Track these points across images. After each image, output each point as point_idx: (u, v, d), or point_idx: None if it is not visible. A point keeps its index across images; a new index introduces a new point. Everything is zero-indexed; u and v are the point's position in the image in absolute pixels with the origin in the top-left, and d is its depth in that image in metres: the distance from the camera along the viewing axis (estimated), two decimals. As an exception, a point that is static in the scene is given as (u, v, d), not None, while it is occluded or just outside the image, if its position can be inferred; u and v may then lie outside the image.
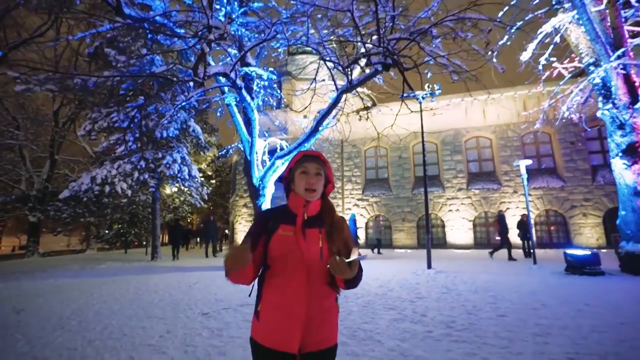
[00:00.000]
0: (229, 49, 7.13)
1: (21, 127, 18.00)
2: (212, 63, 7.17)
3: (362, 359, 2.98)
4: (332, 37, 6.60)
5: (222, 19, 6.98)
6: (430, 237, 8.78)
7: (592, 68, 8.55)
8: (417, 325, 3.94)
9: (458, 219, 15.82)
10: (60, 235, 37.43)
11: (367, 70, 5.73)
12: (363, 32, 4.96)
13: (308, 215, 1.28)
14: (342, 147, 18.07)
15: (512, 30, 10.01)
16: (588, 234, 14.41)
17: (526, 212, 14.11)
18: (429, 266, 8.38)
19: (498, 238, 11.62)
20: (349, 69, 5.46)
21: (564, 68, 10.54)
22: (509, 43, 10.35)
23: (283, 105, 14.41)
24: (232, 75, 5.81)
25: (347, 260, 1.12)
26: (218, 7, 6.78)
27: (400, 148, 17.16)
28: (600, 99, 8.62)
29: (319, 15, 5.37)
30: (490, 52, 5.01)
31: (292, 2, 5.59)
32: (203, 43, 4.16)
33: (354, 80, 6.10)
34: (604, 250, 12.92)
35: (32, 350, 3.36)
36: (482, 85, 5.90)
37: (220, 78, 6.14)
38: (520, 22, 9.97)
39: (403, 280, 7.07)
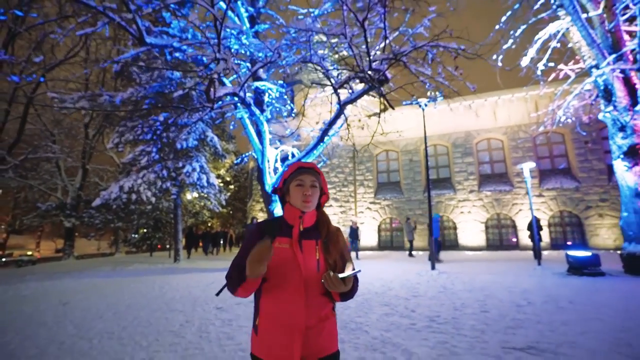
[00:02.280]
0: (240, 68, 7.82)
1: (57, 141, 19.62)
2: (224, 80, 7.89)
3: (346, 345, 3.49)
4: (332, 55, 7.17)
5: (233, 40, 7.73)
6: (434, 239, 9.10)
7: (594, 70, 8.67)
8: (404, 319, 4.40)
9: (470, 221, 15.91)
10: (91, 240, 39.91)
11: (363, 86, 6.26)
12: (356, 52, 5.48)
13: (304, 226, 1.28)
14: (354, 151, 18.52)
15: (517, 34, 10.26)
16: (605, 235, 14.17)
17: (536, 214, 14.13)
18: (433, 267, 8.73)
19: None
20: (346, 86, 5.99)
21: (570, 69, 10.63)
22: (513, 46, 10.59)
23: (294, 113, 15.08)
24: (241, 93, 6.48)
25: (341, 276, 1.14)
26: (229, 30, 7.49)
27: (411, 152, 17.44)
28: (602, 101, 8.73)
29: (318, 40, 5.93)
30: (460, 74, 5.39)
31: (289, 29, 6.18)
32: (213, 71, 4.83)
33: (351, 95, 6.62)
34: (620, 252, 12.70)
35: (80, 333, 4.10)
36: (459, 94, 6.25)
37: (230, 97, 6.81)
38: (524, 25, 10.21)
39: (405, 280, 7.48)
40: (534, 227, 9.34)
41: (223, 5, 7.61)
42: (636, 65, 7.43)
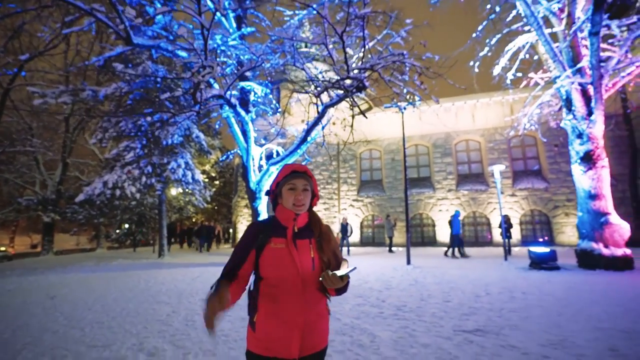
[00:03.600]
0: (226, 68, 8.09)
1: (36, 134, 19.20)
2: (211, 81, 8.15)
3: (320, 329, 3.93)
4: (316, 57, 7.54)
5: (219, 41, 7.98)
6: (410, 235, 9.67)
7: (557, 81, 9.38)
8: (374, 309, 4.88)
9: (448, 219, 16.65)
10: (68, 235, 39.03)
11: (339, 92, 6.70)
12: (337, 59, 5.88)
13: (297, 227, 1.34)
14: (338, 150, 18.97)
15: (492, 43, 10.90)
16: (570, 232, 15.18)
17: (507, 213, 15.00)
18: (408, 262, 9.31)
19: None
20: (327, 92, 6.41)
21: (540, 78, 11.37)
22: (489, 54, 11.24)
23: (280, 111, 15.36)
24: (227, 95, 6.78)
25: (339, 274, 1.19)
26: (217, 37, 7.74)
27: (394, 151, 18.05)
28: (564, 109, 9.47)
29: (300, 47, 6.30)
30: (425, 89, 5.91)
31: (272, 38, 6.53)
32: (198, 76, 5.13)
33: (332, 99, 7.03)
34: (575, 248, 13.70)
35: (71, 323, 4.38)
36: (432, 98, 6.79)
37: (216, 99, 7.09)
38: (499, 35, 10.85)
39: (380, 274, 8.00)
40: (502, 225, 10.04)
41: (210, 4, 7.87)
42: (590, 79, 8.11)
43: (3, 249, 32.68)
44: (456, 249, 11.93)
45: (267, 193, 1.43)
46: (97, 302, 5.62)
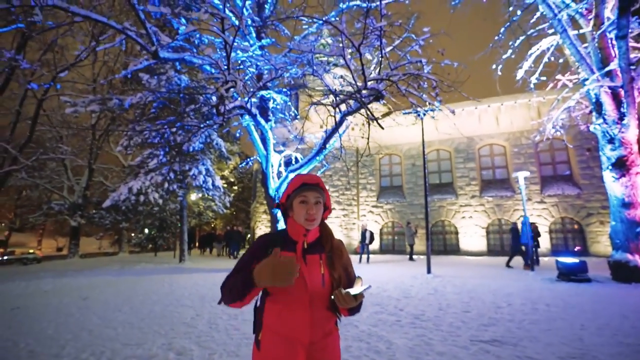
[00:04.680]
0: (246, 77, 8.53)
1: (65, 141, 20.54)
2: (232, 91, 8.60)
3: (337, 335, 4.15)
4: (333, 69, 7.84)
5: (240, 53, 8.44)
6: (430, 243, 9.71)
7: (586, 84, 9.23)
8: (392, 317, 5.04)
9: (471, 226, 16.46)
10: (92, 239, 40.95)
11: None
12: (354, 68, 6.15)
13: (308, 242, 1.32)
14: (358, 155, 19.15)
15: (516, 45, 10.85)
16: (606, 242, 14.60)
17: (535, 221, 14.64)
18: (429, 271, 9.35)
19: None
20: (341, 105, 6.68)
21: (568, 80, 11.17)
22: (513, 56, 11.19)
23: (299, 118, 15.73)
24: (248, 105, 7.17)
25: (352, 293, 1.15)
26: (237, 43, 8.19)
27: (414, 156, 18.04)
28: (594, 113, 9.29)
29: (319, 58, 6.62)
30: (441, 101, 6.07)
31: (291, 47, 6.88)
32: (222, 89, 5.52)
33: (351, 107, 7.29)
34: (608, 259, 13.18)
35: (104, 323, 4.81)
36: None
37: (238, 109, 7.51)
38: (523, 37, 10.79)
39: (400, 283, 8.11)
40: (528, 234, 9.90)
41: (234, 19, 8.35)
42: (620, 83, 7.97)
43: (32, 251, 34.77)
44: (512, 259, 11.38)
45: (277, 206, 1.41)
46: (125, 304, 6.07)
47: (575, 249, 15.23)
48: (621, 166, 8.25)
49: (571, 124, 11.99)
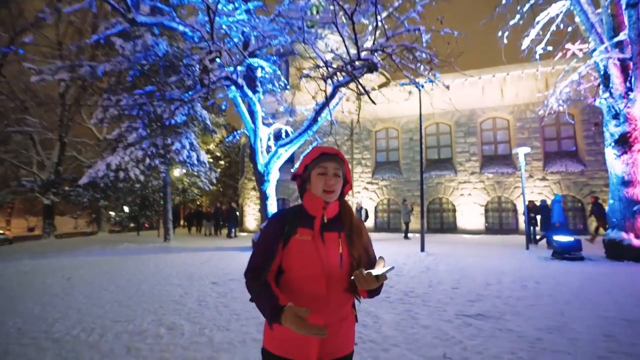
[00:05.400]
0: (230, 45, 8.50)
1: (31, 112, 20.12)
2: (217, 61, 8.59)
3: (326, 311, 4.54)
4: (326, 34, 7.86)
5: (225, 18, 8.34)
6: (424, 221, 10.15)
7: (594, 55, 9.38)
8: (381, 294, 5.43)
9: (470, 204, 16.99)
10: (67, 218, 40.95)
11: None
12: (346, 37, 6.21)
13: (327, 217, 1.32)
14: (352, 128, 19.23)
15: (524, 10, 10.84)
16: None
17: (537, 199, 15.17)
18: (422, 249, 9.83)
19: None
20: (332, 78, 6.78)
21: (578, 49, 11.28)
22: (521, 22, 11.19)
23: (289, 88, 15.67)
24: (234, 77, 7.23)
25: (375, 274, 1.15)
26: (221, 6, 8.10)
27: (412, 130, 18.21)
28: (601, 86, 9.51)
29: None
30: (433, 75, 6.20)
31: (278, 18, 6.85)
32: (206, 59, 5.58)
33: (344, 78, 7.39)
34: (603, 238, 13.87)
35: (91, 302, 5.14)
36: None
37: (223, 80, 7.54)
38: (532, 0, 10.76)
39: (392, 261, 8.55)
40: (525, 212, 10.38)
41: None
42: (629, 54, 8.14)
43: (1, 232, 34.69)
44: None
45: (294, 178, 1.42)
46: (111, 284, 6.40)
47: (577, 228, 15.91)
48: (624, 143, 8.59)
49: (579, 97, 12.20)
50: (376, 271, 1.17)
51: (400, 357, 3.13)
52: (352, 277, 1.20)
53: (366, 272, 1.16)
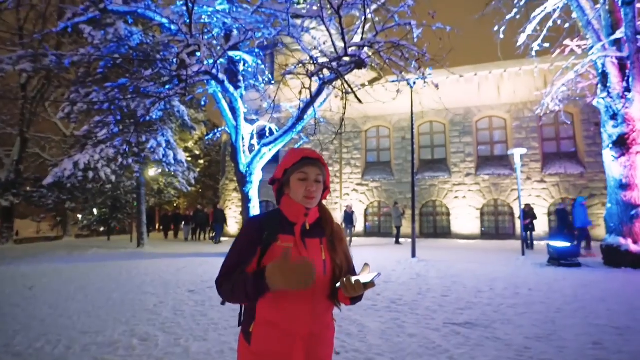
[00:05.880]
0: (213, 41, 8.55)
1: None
2: (197, 54, 8.62)
3: (310, 320, 4.65)
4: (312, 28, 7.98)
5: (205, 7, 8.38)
6: (415, 225, 10.36)
7: (590, 53, 9.74)
8: (368, 301, 5.58)
9: (465, 207, 17.35)
10: (28, 221, 39.97)
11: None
12: (334, 32, 6.34)
13: (309, 224, 1.37)
14: (341, 126, 19.38)
15: (521, 4, 11.17)
16: (605, 225, 15.80)
17: (530, 203, 15.58)
18: (413, 255, 10.04)
19: None
20: (317, 74, 6.90)
21: (577, 45, 11.66)
22: (517, 17, 11.52)
23: (273, 82, 15.73)
24: (214, 71, 7.28)
25: (363, 281, 1.18)
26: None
27: (404, 129, 18.48)
28: (600, 86, 9.87)
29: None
30: (422, 73, 6.41)
31: (261, 9, 6.94)
32: (183, 53, 5.62)
33: (331, 74, 7.52)
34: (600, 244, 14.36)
35: (57, 312, 5.13)
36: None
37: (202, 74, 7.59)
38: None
39: (381, 268, 8.71)
40: (521, 216, 10.69)
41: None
42: (626, 53, 8.49)
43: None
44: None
45: (272, 182, 1.44)
46: (78, 293, 6.37)
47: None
48: (622, 144, 8.94)
49: (575, 96, 12.60)
50: (363, 278, 1.19)
51: (384, 367, 3.26)
52: (338, 285, 1.25)
53: (354, 278, 1.18)
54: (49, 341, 3.99)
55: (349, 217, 14.78)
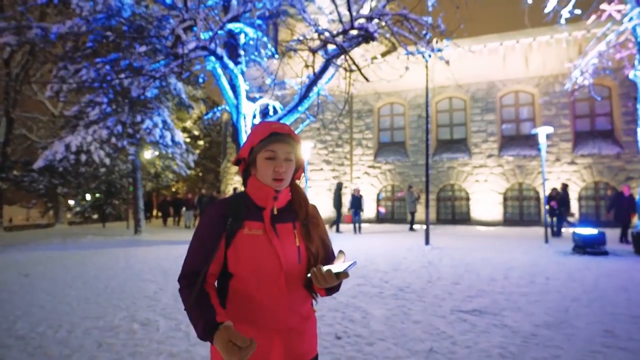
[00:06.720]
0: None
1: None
2: (194, 29, 8.80)
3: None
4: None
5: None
6: (428, 210, 10.59)
7: (625, 20, 9.65)
8: (375, 289, 5.89)
9: (486, 191, 17.43)
10: (17, 207, 41.14)
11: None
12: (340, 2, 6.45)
13: (278, 207, 1.34)
14: (352, 104, 19.45)
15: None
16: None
17: (556, 187, 15.57)
18: (427, 242, 10.29)
19: None
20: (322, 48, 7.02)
21: (616, 10, 11.49)
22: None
23: (277, 56, 15.80)
24: (212, 46, 7.47)
25: (335, 271, 1.17)
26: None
27: (420, 105, 18.43)
28: (637, 57, 9.80)
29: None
30: (437, 43, 6.49)
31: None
32: (179, 28, 5.80)
33: (336, 49, 7.65)
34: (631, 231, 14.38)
35: (56, 299, 5.55)
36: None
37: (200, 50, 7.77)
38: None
39: (391, 256, 9.03)
40: (546, 200, 10.82)
41: None
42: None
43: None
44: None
45: (237, 162, 1.39)
46: (76, 280, 6.81)
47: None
48: (658, 122, 8.95)
49: (615, 68, 12.42)
50: (336, 267, 1.18)
51: (384, 351, 3.55)
52: (309, 275, 1.23)
53: (325, 268, 1.18)
54: (50, 325, 4.38)
55: (356, 201, 14.94)
